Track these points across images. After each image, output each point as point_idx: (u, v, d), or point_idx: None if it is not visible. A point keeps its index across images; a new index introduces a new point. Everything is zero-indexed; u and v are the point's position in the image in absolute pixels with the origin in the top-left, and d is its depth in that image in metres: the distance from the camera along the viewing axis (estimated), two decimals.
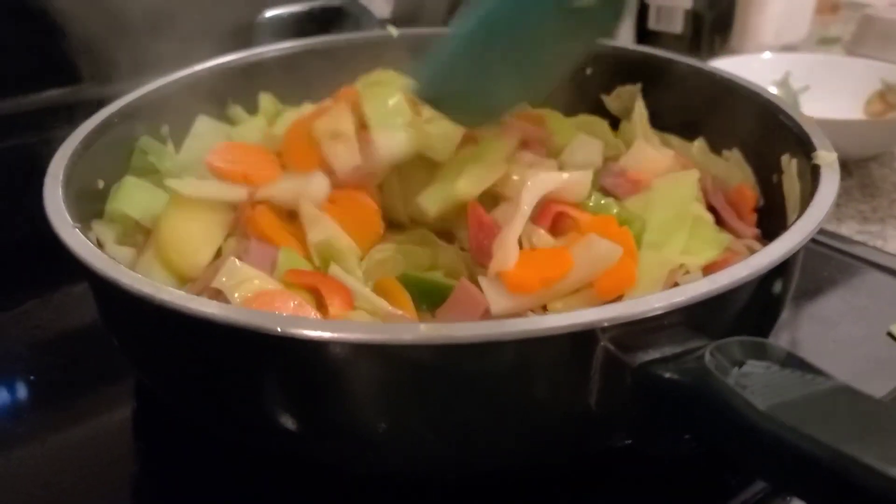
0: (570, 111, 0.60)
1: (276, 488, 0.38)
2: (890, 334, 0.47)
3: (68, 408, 0.45)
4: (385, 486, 0.37)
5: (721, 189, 0.50)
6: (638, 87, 0.58)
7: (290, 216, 0.45)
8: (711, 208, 0.48)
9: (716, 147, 0.54)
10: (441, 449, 0.33)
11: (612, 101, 0.60)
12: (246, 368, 0.32)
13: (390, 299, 0.39)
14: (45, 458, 0.41)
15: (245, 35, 0.71)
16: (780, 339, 0.47)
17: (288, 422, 0.33)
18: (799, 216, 0.36)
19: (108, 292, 0.34)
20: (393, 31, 0.63)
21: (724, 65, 0.79)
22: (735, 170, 0.51)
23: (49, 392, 0.46)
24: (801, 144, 0.44)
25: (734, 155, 0.52)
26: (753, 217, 0.49)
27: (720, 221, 0.48)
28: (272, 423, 0.33)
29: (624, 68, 0.60)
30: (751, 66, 0.81)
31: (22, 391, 0.47)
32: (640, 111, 0.56)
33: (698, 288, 0.30)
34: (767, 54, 0.85)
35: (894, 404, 0.39)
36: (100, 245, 0.43)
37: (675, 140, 0.55)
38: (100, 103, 0.51)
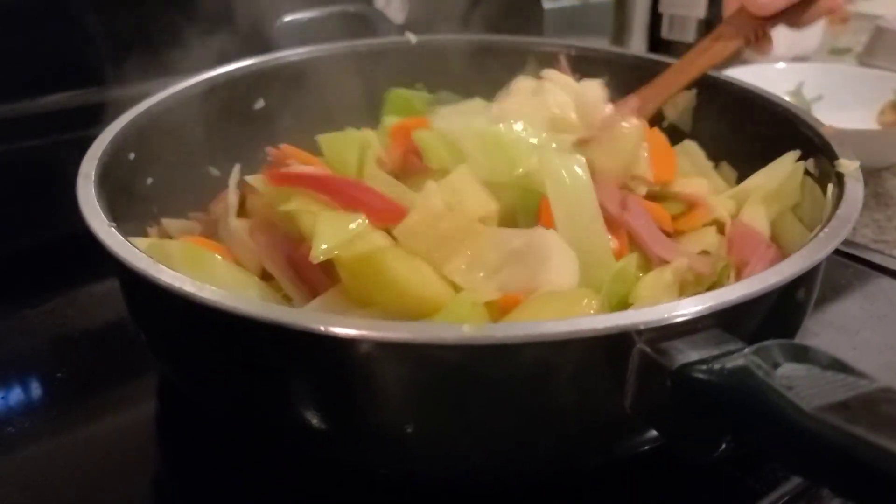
0: None
1: (298, 487, 0.38)
2: None
3: (92, 404, 0.45)
4: (413, 489, 0.38)
5: None
6: (693, 92, 0.58)
7: None
8: None
9: (735, 159, 0.55)
10: (474, 451, 0.33)
11: (668, 109, 0.59)
12: (285, 367, 0.32)
13: None
14: (68, 453, 0.42)
15: (263, 39, 0.71)
16: None
17: (323, 422, 0.33)
18: (827, 221, 0.37)
19: (144, 291, 0.34)
20: (411, 37, 0.64)
21: (739, 74, 0.80)
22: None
23: (73, 388, 0.47)
24: (823, 153, 0.45)
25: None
26: None
27: None
28: (306, 423, 0.33)
29: (638, 77, 0.60)
30: (765, 75, 0.82)
31: (46, 387, 0.47)
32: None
33: (732, 292, 0.31)
34: (781, 64, 0.86)
35: None
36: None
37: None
38: (120, 105, 0.52)
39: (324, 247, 0.37)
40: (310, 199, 0.40)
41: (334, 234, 0.37)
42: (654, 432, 0.33)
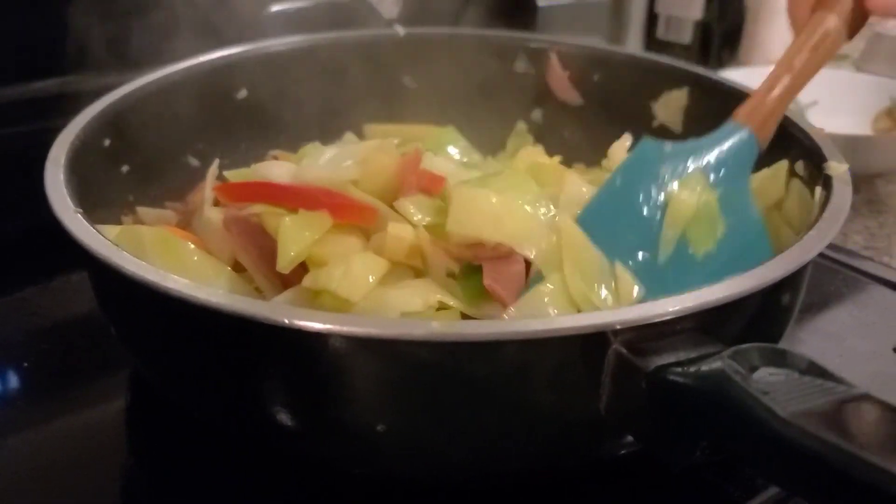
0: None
1: (269, 483, 0.37)
2: None
3: (62, 397, 0.44)
4: (385, 488, 0.37)
5: None
6: (685, 91, 0.56)
7: None
8: None
9: None
10: (444, 450, 0.32)
11: (660, 109, 0.58)
12: (250, 360, 0.31)
13: None
14: (37, 446, 0.41)
15: (250, 29, 0.70)
16: None
17: (290, 418, 0.32)
18: (813, 224, 0.36)
19: (109, 279, 0.33)
20: (400, 29, 0.63)
21: (734, 76, 0.79)
22: None
23: (43, 380, 0.46)
24: (812, 156, 0.44)
25: None
26: None
27: None
28: (273, 418, 0.32)
29: (630, 76, 0.59)
30: (760, 77, 0.81)
31: (16, 379, 0.46)
32: None
33: (713, 293, 0.30)
34: None
35: None
36: None
37: None
38: (101, 93, 0.50)
39: (291, 255, 0.37)
40: None
41: (299, 239, 0.37)
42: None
